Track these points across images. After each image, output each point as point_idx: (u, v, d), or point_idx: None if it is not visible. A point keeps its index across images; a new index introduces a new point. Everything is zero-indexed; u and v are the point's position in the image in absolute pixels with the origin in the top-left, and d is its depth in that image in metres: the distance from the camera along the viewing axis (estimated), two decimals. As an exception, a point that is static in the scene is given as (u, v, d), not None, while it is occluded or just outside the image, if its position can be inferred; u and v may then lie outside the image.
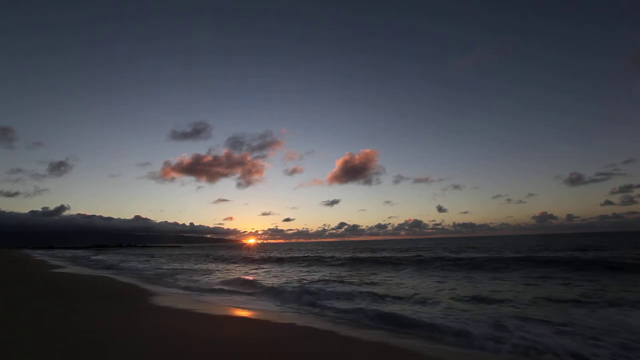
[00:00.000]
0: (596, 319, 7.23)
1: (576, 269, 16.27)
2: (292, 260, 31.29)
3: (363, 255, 32.83)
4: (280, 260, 32.51)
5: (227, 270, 24.21)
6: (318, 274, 19.31)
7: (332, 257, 31.33)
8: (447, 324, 6.98)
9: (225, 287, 14.18)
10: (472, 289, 12.09)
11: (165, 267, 28.76)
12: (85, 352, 4.94)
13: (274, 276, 18.85)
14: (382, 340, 6.24)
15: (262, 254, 46.39)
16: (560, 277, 14.19)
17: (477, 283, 13.52)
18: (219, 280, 16.69)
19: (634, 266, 15.67)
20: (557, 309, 8.58)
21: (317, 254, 38.76)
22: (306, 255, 36.93)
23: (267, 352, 5.23)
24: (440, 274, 17.33)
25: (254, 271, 22.85)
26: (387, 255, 30.44)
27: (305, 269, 23.20)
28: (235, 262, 33.59)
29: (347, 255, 32.82)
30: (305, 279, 16.31)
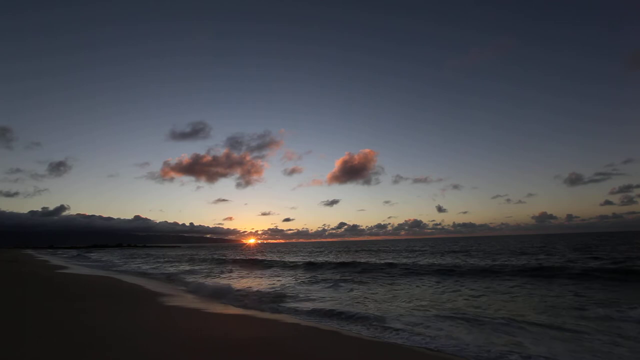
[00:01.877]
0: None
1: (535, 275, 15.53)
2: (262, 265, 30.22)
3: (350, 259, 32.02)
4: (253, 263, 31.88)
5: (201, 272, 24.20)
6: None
7: (325, 261, 29.83)
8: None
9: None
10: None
11: (164, 267, 28.79)
12: (88, 351, 4.97)
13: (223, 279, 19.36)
14: (384, 341, 6.28)
15: (233, 257, 46.17)
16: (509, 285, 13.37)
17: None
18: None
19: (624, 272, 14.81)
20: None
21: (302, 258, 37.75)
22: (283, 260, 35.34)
23: (268, 351, 5.26)
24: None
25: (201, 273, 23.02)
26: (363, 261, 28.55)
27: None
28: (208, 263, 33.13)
29: (338, 260, 31.41)
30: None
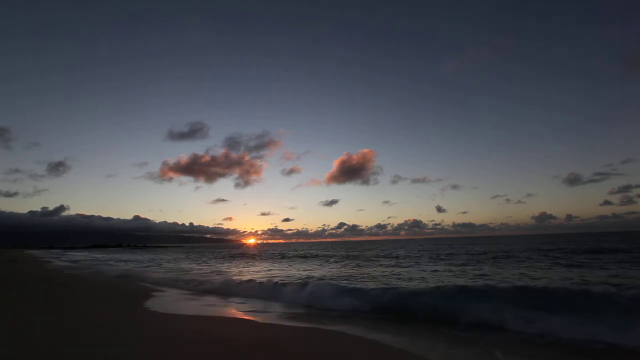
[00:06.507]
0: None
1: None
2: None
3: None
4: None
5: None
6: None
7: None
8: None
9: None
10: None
11: (165, 267, 28.71)
12: (87, 351, 4.96)
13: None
14: (385, 343, 6.27)
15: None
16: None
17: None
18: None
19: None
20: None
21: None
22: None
23: (269, 352, 5.25)
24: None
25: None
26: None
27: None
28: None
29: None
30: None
